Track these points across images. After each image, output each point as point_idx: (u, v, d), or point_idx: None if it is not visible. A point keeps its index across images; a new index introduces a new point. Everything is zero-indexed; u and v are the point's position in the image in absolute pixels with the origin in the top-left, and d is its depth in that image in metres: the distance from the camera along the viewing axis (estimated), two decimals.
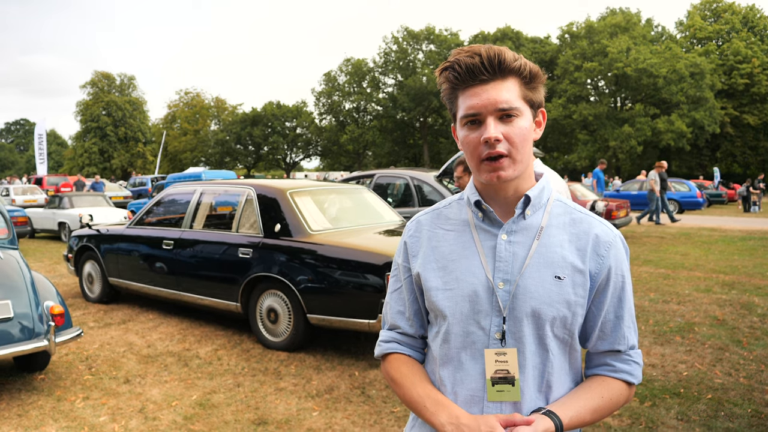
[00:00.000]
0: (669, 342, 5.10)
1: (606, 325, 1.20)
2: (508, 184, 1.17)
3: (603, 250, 1.18)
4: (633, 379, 1.21)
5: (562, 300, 1.15)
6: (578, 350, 1.24)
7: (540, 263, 1.16)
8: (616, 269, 1.19)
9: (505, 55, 1.11)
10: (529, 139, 1.14)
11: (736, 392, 3.94)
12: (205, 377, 4.44)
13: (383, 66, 52.00)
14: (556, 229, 1.19)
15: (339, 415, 3.71)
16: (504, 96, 1.11)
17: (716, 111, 39.64)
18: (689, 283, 7.77)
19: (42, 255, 11.58)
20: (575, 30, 45.22)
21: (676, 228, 15.27)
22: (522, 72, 1.13)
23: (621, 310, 1.20)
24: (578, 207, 1.25)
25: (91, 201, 14.67)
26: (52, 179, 27.16)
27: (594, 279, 1.17)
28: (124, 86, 57.84)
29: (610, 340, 1.21)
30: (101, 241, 6.81)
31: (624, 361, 1.21)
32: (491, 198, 1.21)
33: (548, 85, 44.43)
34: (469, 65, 1.11)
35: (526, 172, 1.18)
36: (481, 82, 1.12)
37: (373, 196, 6.34)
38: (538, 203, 1.20)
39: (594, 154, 41.77)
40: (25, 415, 3.78)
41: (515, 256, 1.17)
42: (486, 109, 1.11)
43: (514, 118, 1.12)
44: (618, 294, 1.20)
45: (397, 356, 1.31)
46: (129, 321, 6.16)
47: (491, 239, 1.19)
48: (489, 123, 1.11)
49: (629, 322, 1.21)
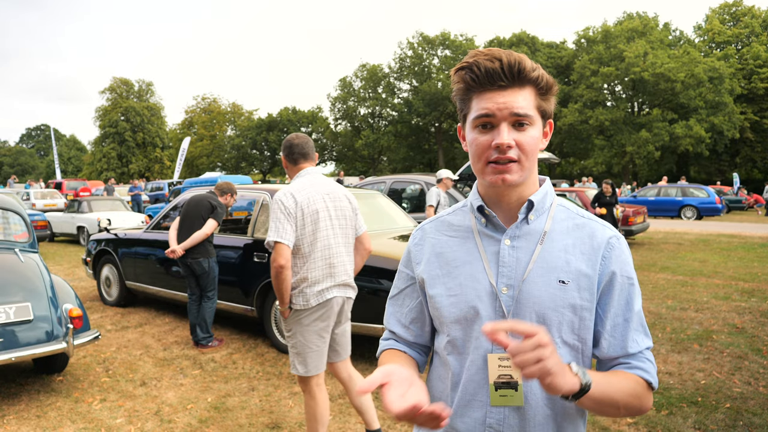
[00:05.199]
0: (687, 350, 5.03)
1: (615, 329, 1.18)
2: (511, 189, 1.17)
3: (606, 253, 1.17)
4: (650, 377, 1.16)
5: (567, 304, 1.14)
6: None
7: (543, 268, 1.15)
8: (621, 272, 1.18)
9: (525, 64, 1.11)
10: (537, 148, 1.15)
11: (756, 401, 3.88)
12: (220, 381, 4.47)
13: (398, 71, 52.05)
14: (560, 233, 1.19)
15: (352, 420, 3.71)
16: (520, 103, 1.11)
17: (735, 116, 39.06)
18: (708, 290, 7.66)
19: (61, 258, 11.75)
20: (591, 35, 44.89)
21: (695, 234, 15.08)
22: (539, 83, 1.13)
23: (629, 312, 1.18)
24: (581, 211, 1.25)
25: (109, 205, 14.86)
26: (72, 184, 27.58)
27: (599, 282, 1.17)
28: (142, 92, 58.48)
29: (621, 344, 1.17)
30: (119, 245, 6.89)
31: (639, 359, 1.17)
32: (494, 204, 1.21)
33: (564, 90, 44.42)
34: (489, 69, 1.10)
35: (530, 179, 1.18)
36: (499, 88, 1.11)
37: (387, 201, 6.35)
38: (542, 208, 1.20)
39: (611, 159, 41.39)
40: (43, 416, 3.83)
41: (518, 261, 1.17)
42: (501, 113, 1.11)
43: (527, 126, 1.12)
44: (625, 297, 1.18)
45: (391, 350, 1.34)
46: (145, 324, 6.22)
47: (494, 245, 1.19)
48: (503, 128, 1.11)
49: (638, 325, 1.18)
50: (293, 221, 2.86)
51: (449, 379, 1.23)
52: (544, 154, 9.14)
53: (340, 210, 3.05)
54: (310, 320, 2.93)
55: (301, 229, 2.88)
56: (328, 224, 2.96)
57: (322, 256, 2.94)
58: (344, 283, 3.06)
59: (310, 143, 3.12)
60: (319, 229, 2.92)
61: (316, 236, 2.92)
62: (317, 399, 2.99)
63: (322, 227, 2.93)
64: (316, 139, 58.17)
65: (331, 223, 2.98)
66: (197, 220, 5.30)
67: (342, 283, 3.04)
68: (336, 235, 3.00)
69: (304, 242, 2.90)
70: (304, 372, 2.96)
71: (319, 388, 3.01)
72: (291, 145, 3.09)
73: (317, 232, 2.92)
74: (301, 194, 2.91)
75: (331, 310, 2.99)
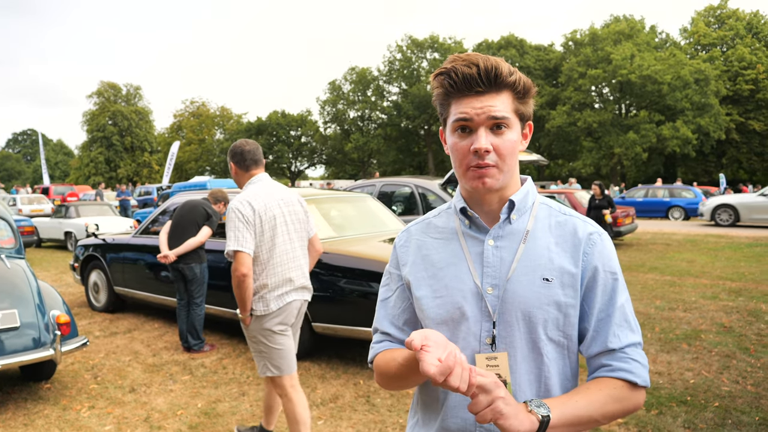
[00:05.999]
0: (675, 349, 5.07)
1: (597, 324, 1.18)
2: (492, 192, 1.19)
3: (587, 249, 1.19)
4: (634, 378, 1.14)
5: (552, 302, 1.15)
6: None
7: (527, 266, 1.17)
8: (603, 267, 1.19)
9: (501, 69, 1.13)
10: (516, 151, 1.17)
11: (744, 400, 3.91)
12: (210, 386, 4.44)
13: (388, 74, 52.12)
14: (542, 231, 1.21)
15: (344, 424, 3.70)
16: (498, 107, 1.13)
17: (721, 117, 39.50)
18: (696, 290, 7.73)
19: (48, 264, 11.64)
20: (579, 37, 45.22)
21: (683, 235, 15.21)
22: (516, 86, 1.15)
23: (611, 308, 1.18)
24: (563, 209, 1.26)
25: (97, 210, 14.76)
26: (59, 189, 27.32)
27: (582, 278, 1.18)
28: (130, 96, 58.10)
29: (601, 339, 1.18)
30: (107, 251, 6.84)
31: (621, 360, 1.17)
32: (477, 205, 1.23)
33: (552, 93, 44.68)
34: (467, 75, 1.12)
35: (512, 181, 1.20)
36: (476, 93, 1.13)
37: (377, 204, 6.35)
38: (523, 207, 1.22)
39: (599, 161, 41.68)
40: (31, 424, 3.79)
41: (502, 261, 1.18)
42: (479, 117, 1.13)
43: (505, 129, 1.15)
44: (608, 292, 1.19)
45: (388, 350, 1.30)
46: (134, 330, 6.17)
47: (478, 245, 1.21)
48: (480, 133, 1.13)
49: (621, 320, 1.18)
50: (252, 229, 2.87)
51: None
52: (533, 156, 9.18)
53: (294, 215, 3.09)
54: (272, 324, 2.97)
55: (259, 237, 2.90)
56: (284, 230, 3.00)
57: (281, 261, 2.97)
58: (302, 286, 3.12)
59: (260, 149, 3.14)
60: (277, 234, 2.95)
61: (275, 242, 2.95)
62: (294, 400, 3.02)
63: (280, 233, 2.96)
64: (306, 142, 58.13)
65: (287, 228, 3.02)
66: (191, 226, 5.27)
67: (300, 286, 3.10)
68: (292, 239, 3.04)
69: (263, 249, 2.92)
70: (278, 373, 3.00)
71: (294, 389, 3.04)
72: (242, 151, 3.07)
73: (275, 238, 2.95)
74: (257, 201, 2.92)
75: (290, 313, 3.04)
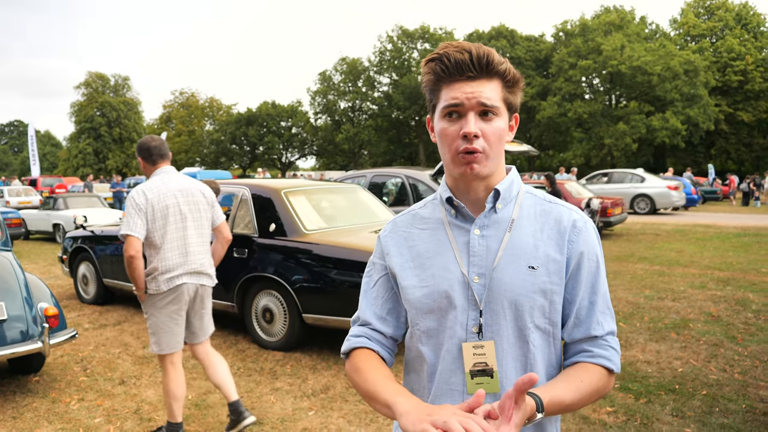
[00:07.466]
0: (664, 339, 5.12)
1: (581, 311, 1.20)
2: (479, 179, 1.19)
3: (573, 236, 1.20)
4: (612, 366, 1.18)
5: (538, 289, 1.16)
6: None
7: (513, 255, 1.17)
8: (588, 254, 1.20)
9: (493, 56, 1.14)
10: (503, 139, 1.18)
11: (731, 388, 3.96)
12: (200, 377, 4.43)
13: (378, 65, 51.93)
14: (527, 220, 1.22)
15: (335, 415, 3.70)
16: (488, 93, 1.14)
17: (710, 108, 39.74)
18: (684, 279, 7.80)
19: (36, 257, 11.54)
20: (570, 28, 45.25)
21: (672, 225, 15.32)
22: (506, 75, 1.17)
23: (595, 295, 1.20)
24: (548, 197, 1.27)
25: (85, 202, 14.62)
26: (47, 180, 27.06)
27: (567, 265, 1.19)
28: (118, 87, 57.57)
29: (585, 326, 1.20)
30: (96, 243, 6.78)
31: (601, 347, 1.19)
32: (463, 194, 1.23)
33: (543, 84, 44.74)
34: (459, 60, 1.13)
35: (497, 170, 1.21)
36: (468, 78, 1.14)
37: (368, 195, 6.34)
38: (508, 196, 1.23)
39: (589, 151, 41.84)
40: (19, 417, 3.76)
41: (488, 250, 1.19)
42: (469, 102, 1.13)
43: (493, 117, 1.15)
44: (592, 279, 1.20)
45: (364, 350, 1.28)
46: (124, 322, 6.14)
47: (464, 235, 1.21)
48: (470, 118, 1.14)
49: (604, 308, 1.21)
50: (143, 216, 3.17)
51: (425, 371, 1.24)
52: (523, 146, 9.20)
53: (194, 204, 3.36)
54: (162, 303, 3.26)
55: (152, 223, 3.19)
56: (178, 218, 3.27)
57: (173, 247, 3.25)
58: (195, 270, 3.34)
59: (165, 144, 3.43)
60: (169, 223, 3.23)
61: (167, 229, 3.23)
62: (170, 376, 3.31)
63: (172, 221, 3.24)
64: (296, 133, 57.84)
65: (182, 217, 3.28)
66: None
67: (193, 270, 3.33)
68: (187, 227, 3.31)
69: (155, 235, 3.21)
70: (158, 350, 3.30)
71: (173, 366, 3.32)
72: (149, 147, 3.36)
73: (167, 225, 3.23)
74: (152, 192, 3.22)
75: (182, 295, 3.29)
